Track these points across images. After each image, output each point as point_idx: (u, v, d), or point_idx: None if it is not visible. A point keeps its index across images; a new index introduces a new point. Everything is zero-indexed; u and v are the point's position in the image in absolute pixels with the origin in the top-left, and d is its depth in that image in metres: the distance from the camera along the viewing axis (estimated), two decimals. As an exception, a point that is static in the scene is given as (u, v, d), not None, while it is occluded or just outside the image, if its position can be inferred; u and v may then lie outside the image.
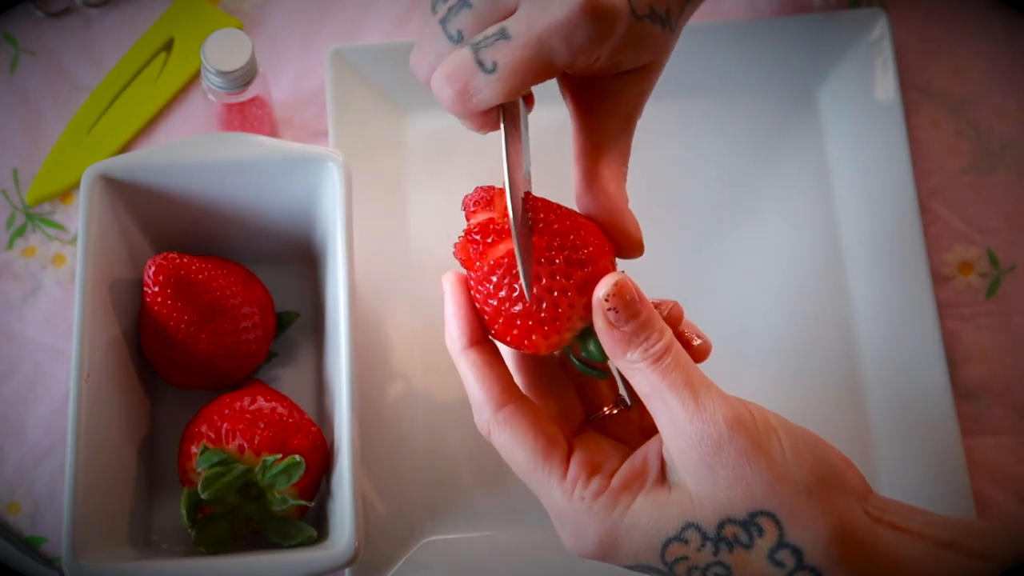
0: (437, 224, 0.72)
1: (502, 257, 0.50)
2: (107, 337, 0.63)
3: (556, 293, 0.50)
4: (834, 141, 0.73)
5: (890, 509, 0.49)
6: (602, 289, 0.49)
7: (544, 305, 0.50)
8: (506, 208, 0.50)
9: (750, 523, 0.47)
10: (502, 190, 0.51)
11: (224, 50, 0.67)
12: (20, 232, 0.73)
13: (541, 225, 0.51)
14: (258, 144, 0.64)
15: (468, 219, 0.52)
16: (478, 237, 0.51)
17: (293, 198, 0.65)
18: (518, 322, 0.50)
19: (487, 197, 0.52)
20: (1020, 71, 0.75)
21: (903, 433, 0.67)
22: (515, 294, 0.50)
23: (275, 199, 0.66)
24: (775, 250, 0.72)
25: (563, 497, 0.50)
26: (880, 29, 0.73)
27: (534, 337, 0.50)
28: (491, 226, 0.51)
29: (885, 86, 0.73)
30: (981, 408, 0.69)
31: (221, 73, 0.67)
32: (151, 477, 0.65)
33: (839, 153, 0.73)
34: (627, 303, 0.49)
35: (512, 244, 0.50)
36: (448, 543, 0.67)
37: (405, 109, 0.74)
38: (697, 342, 0.53)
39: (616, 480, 0.50)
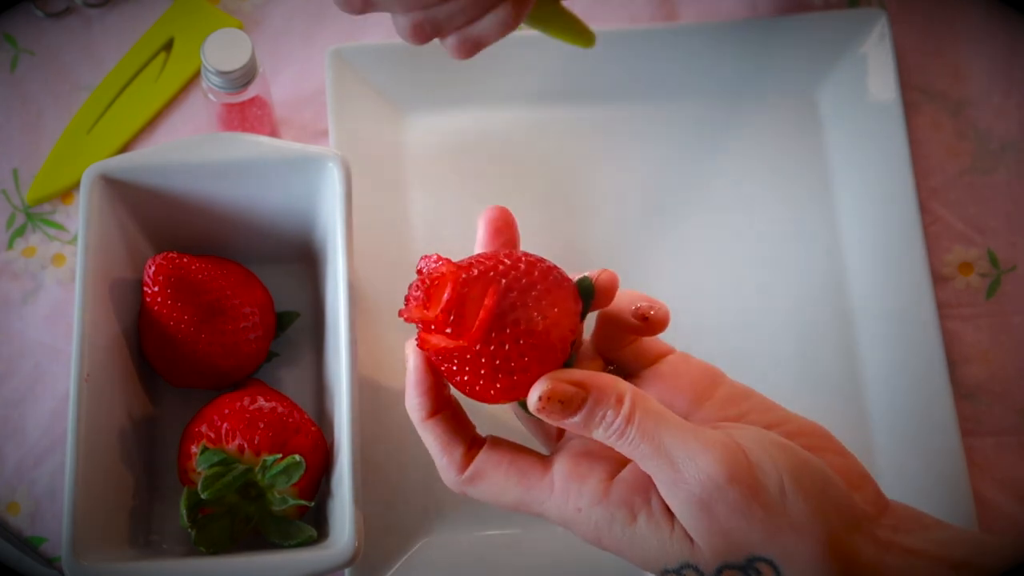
0: (437, 224, 0.72)
1: (444, 349, 0.49)
2: (107, 337, 0.63)
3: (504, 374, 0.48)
4: (834, 141, 0.73)
5: (903, 527, 0.49)
6: (533, 399, 0.48)
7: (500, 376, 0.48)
8: (441, 308, 0.48)
9: (748, 567, 0.47)
10: (442, 285, 0.49)
11: (224, 50, 0.67)
12: (20, 232, 0.73)
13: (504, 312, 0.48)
14: (258, 144, 0.64)
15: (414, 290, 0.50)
16: (420, 328, 0.50)
17: (293, 198, 0.65)
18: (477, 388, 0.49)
19: (424, 293, 0.49)
20: (1020, 71, 0.75)
21: (903, 433, 0.67)
22: (466, 378, 0.49)
23: (275, 199, 0.66)
24: (775, 250, 0.72)
25: (559, 509, 0.50)
26: (880, 29, 0.73)
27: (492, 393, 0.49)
28: (431, 326, 0.49)
29: (885, 86, 0.73)
30: (981, 408, 0.69)
31: (221, 73, 0.67)
32: (151, 477, 0.65)
33: (839, 153, 0.73)
34: (563, 405, 0.48)
35: (444, 344, 0.48)
36: (448, 543, 0.67)
37: (405, 109, 0.74)
38: (651, 312, 0.52)
39: (615, 490, 0.49)
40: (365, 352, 0.68)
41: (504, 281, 0.48)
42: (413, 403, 0.52)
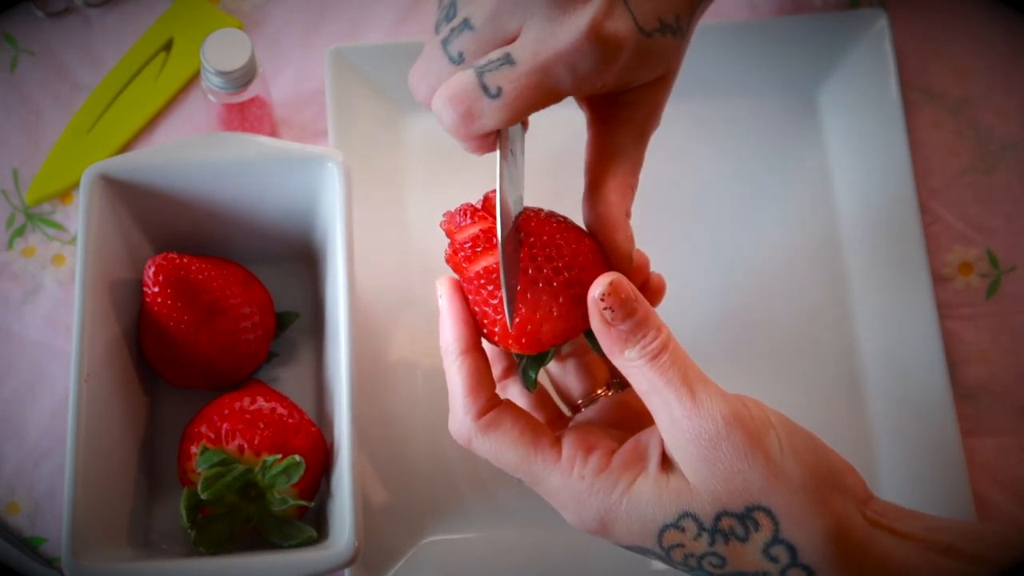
0: (437, 224, 0.72)
1: (491, 266, 0.51)
2: (107, 337, 0.63)
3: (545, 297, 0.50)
4: (834, 141, 0.73)
5: (889, 514, 0.50)
6: (598, 288, 0.49)
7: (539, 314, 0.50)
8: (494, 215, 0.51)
9: (746, 517, 0.47)
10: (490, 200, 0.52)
11: (224, 50, 0.67)
12: (20, 232, 0.73)
13: (532, 239, 0.51)
14: (258, 144, 0.64)
15: (457, 232, 0.53)
16: (468, 247, 0.52)
17: (293, 198, 0.65)
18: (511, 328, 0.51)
19: (479, 210, 0.52)
20: (1020, 71, 0.75)
21: (903, 433, 0.67)
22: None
23: (275, 199, 0.66)
24: (775, 250, 0.72)
25: (561, 479, 0.51)
26: (880, 29, 0.73)
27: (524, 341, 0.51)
28: (480, 236, 0.52)
29: (885, 86, 0.73)
30: (981, 408, 0.69)
31: (221, 73, 0.67)
32: (151, 477, 0.65)
33: (839, 153, 0.73)
34: (622, 302, 0.49)
35: (497, 256, 0.50)
36: (448, 543, 0.67)
37: (405, 109, 0.74)
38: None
39: (617, 459, 0.50)
40: (365, 352, 0.68)
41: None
42: (447, 338, 0.53)
